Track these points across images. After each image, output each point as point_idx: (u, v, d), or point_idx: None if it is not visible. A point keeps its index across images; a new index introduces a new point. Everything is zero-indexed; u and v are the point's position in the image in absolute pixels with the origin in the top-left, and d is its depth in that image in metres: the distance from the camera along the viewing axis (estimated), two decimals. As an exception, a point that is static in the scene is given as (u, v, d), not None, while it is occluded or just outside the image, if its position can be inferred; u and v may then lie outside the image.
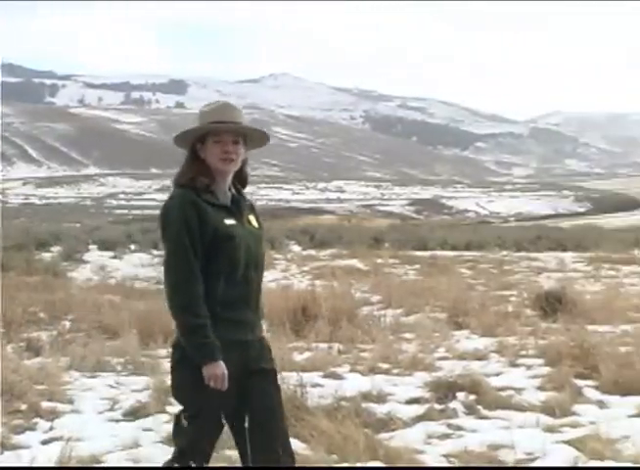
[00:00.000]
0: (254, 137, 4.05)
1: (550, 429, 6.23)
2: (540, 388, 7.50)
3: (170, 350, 3.95)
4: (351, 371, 8.50)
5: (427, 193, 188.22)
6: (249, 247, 3.89)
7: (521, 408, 6.84)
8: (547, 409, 6.71)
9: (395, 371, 8.49)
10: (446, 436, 6.23)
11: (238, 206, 3.97)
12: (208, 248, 3.78)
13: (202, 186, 3.85)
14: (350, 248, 28.87)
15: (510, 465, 5.43)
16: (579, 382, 7.47)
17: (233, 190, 4.00)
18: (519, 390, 7.45)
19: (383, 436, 6.12)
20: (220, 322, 3.74)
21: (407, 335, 10.51)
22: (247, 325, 3.89)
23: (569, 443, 5.77)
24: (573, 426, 6.30)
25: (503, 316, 12.16)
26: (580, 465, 5.25)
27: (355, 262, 23.43)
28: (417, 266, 22.85)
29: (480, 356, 9.07)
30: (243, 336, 3.85)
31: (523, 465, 5.34)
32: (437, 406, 6.87)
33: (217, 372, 3.70)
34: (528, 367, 8.36)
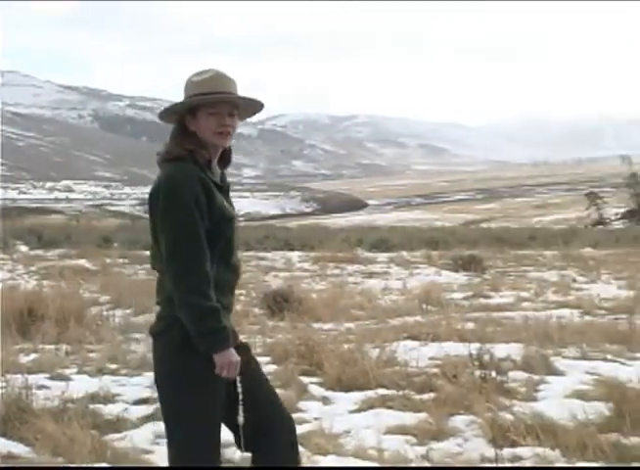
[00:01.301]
0: (247, 107, 3.75)
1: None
2: (267, 385, 7.62)
3: (155, 333, 3.60)
4: (79, 372, 8.31)
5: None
6: (236, 230, 3.66)
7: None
8: (274, 406, 6.84)
9: (124, 371, 8.38)
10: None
11: (226, 183, 3.72)
12: (209, 230, 3.48)
13: (203, 161, 3.56)
14: (79, 248, 28.17)
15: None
16: (305, 379, 7.64)
17: (219, 166, 3.71)
18: (247, 388, 7.54)
19: (111, 437, 6.02)
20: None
21: (136, 335, 10.42)
22: (229, 311, 3.66)
23: (295, 438, 5.92)
24: (299, 422, 6.42)
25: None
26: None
27: (84, 262, 22.91)
28: (147, 266, 22.65)
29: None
30: (229, 322, 3.61)
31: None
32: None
33: (232, 360, 3.46)
34: (257, 365, 8.47)
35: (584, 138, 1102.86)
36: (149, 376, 7.87)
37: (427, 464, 5.43)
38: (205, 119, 3.56)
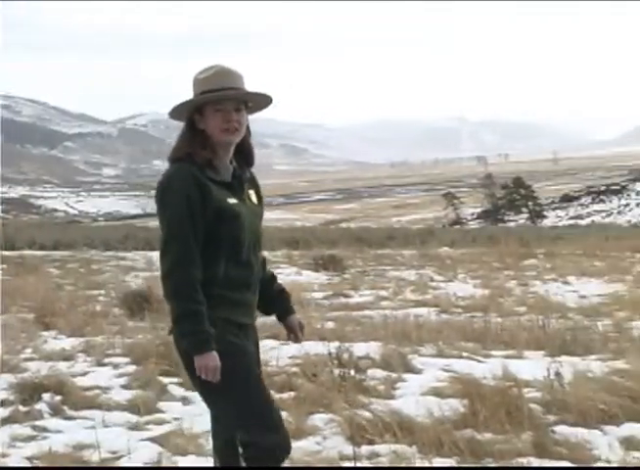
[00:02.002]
0: (256, 101, 3.70)
1: (135, 427, 6.29)
2: (126, 386, 7.52)
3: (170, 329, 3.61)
4: None
5: (14, 192, 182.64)
6: (251, 226, 3.61)
7: (107, 407, 6.84)
8: (133, 407, 6.76)
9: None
10: (31, 438, 6.08)
11: (239, 181, 3.64)
12: (210, 228, 3.45)
13: (202, 161, 3.52)
14: None
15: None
16: (165, 379, 7.58)
17: (234, 163, 3.63)
18: (105, 389, 7.43)
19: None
20: (222, 303, 3.48)
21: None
22: (247, 307, 3.62)
23: (154, 440, 5.87)
24: (159, 423, 6.40)
25: (91, 316, 12.09)
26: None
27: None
28: (4, 266, 22.08)
29: (66, 357, 8.94)
30: (243, 318, 3.58)
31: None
32: (22, 408, 6.70)
33: (210, 364, 3.41)
34: (115, 366, 8.36)
35: (442, 139, 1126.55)
36: (5, 378, 7.66)
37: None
38: (211, 117, 3.55)
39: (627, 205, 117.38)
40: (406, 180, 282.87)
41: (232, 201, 3.56)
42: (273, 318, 4.04)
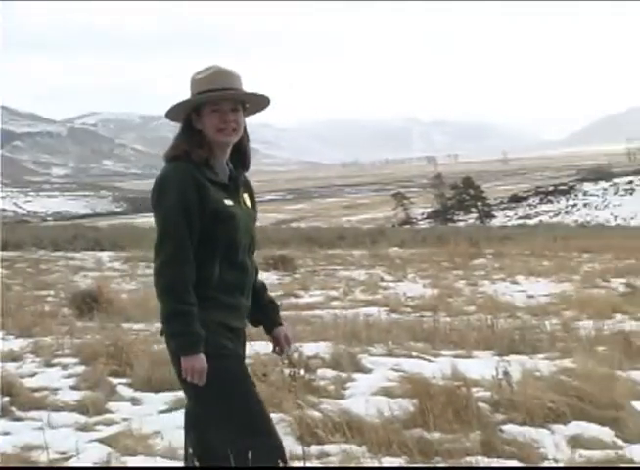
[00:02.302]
0: (254, 102, 3.68)
1: (84, 428, 6.24)
2: (75, 387, 7.47)
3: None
4: None
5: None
6: (246, 229, 3.57)
7: (55, 408, 6.79)
8: (82, 408, 6.71)
9: None
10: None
11: (235, 183, 3.60)
12: (205, 229, 3.41)
13: (199, 160, 3.48)
14: None
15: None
16: (114, 380, 7.54)
17: (230, 165, 3.60)
18: (54, 390, 7.37)
19: None
20: (215, 306, 3.43)
21: None
22: (239, 311, 3.57)
23: (102, 440, 5.83)
24: (107, 424, 6.37)
25: (40, 316, 12.00)
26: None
27: None
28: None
29: (15, 357, 8.86)
30: (236, 322, 3.53)
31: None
32: (-31, 411, 6.64)
33: (196, 366, 3.37)
34: (64, 367, 8.29)
35: (393, 139, 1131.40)
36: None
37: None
38: (208, 117, 3.53)
39: (575, 205, 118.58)
40: (357, 180, 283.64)
41: (228, 202, 3.53)
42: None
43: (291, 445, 5.66)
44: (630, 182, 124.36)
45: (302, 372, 7.19)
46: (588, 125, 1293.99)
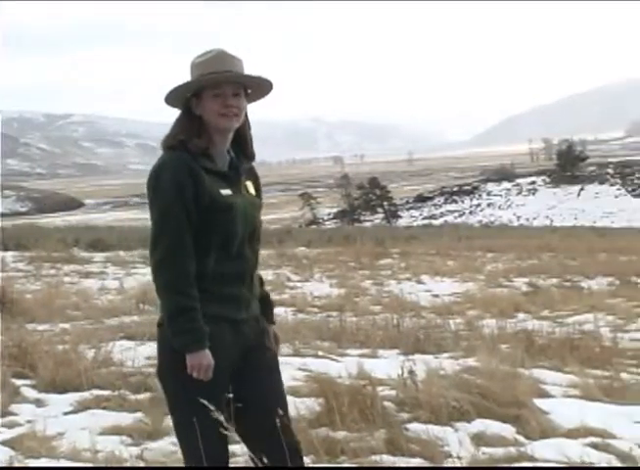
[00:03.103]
0: (255, 87, 3.50)
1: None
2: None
3: (157, 324, 3.43)
4: None
5: None
6: (246, 219, 3.42)
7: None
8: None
9: None
10: None
11: (236, 171, 3.45)
12: (201, 220, 3.30)
13: (196, 150, 3.34)
14: None
15: None
16: (17, 381, 7.41)
17: (232, 153, 3.44)
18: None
19: None
20: (211, 299, 3.29)
21: None
22: (240, 302, 3.43)
23: (5, 443, 5.75)
24: (10, 426, 6.28)
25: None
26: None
27: None
28: None
29: None
30: (236, 314, 3.40)
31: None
32: None
33: (203, 362, 3.26)
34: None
35: (299, 139, 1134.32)
36: None
37: (142, 464, 5.43)
38: (209, 101, 3.39)
39: (479, 205, 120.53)
40: (264, 180, 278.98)
41: (225, 192, 3.39)
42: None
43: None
44: (533, 183, 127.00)
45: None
46: (491, 127, 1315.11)
